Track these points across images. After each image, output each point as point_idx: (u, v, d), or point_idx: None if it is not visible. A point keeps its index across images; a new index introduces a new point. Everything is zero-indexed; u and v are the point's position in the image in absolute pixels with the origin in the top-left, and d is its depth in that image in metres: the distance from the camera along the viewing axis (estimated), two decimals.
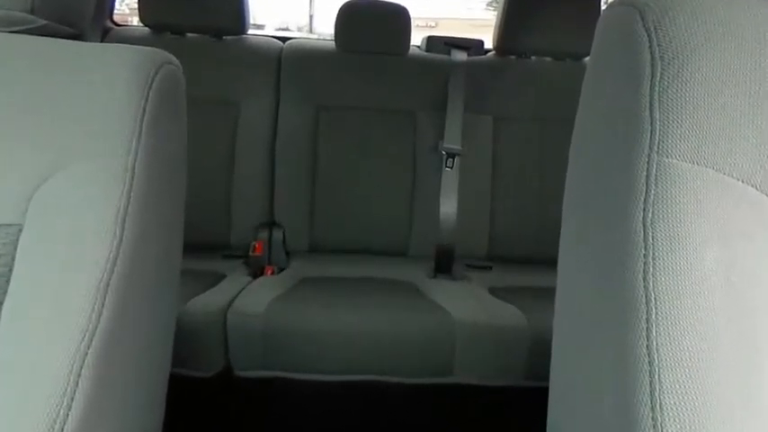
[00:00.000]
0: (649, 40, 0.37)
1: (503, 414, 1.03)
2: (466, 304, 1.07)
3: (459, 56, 1.42)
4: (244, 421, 1.05)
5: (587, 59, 0.46)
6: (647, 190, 0.36)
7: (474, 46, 1.48)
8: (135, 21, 1.46)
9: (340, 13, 1.38)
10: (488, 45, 1.49)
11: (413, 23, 1.41)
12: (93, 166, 0.45)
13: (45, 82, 0.46)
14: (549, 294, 0.50)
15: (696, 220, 0.36)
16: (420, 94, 1.39)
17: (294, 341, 1.00)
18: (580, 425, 0.44)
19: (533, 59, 1.42)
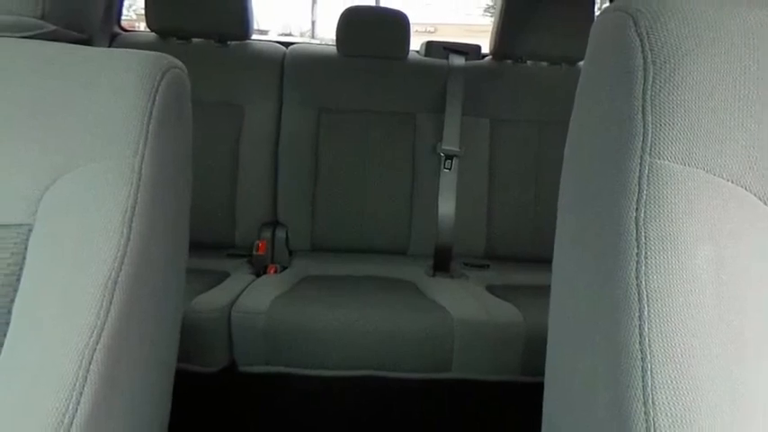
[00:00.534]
0: (642, 44, 0.37)
1: (499, 409, 1.03)
2: (464, 302, 1.07)
3: (458, 60, 1.42)
4: (247, 415, 1.05)
5: (582, 64, 0.46)
6: (639, 190, 0.36)
7: (472, 51, 1.49)
8: (142, 26, 1.46)
9: (341, 18, 1.38)
10: (485, 50, 1.49)
11: (412, 29, 1.41)
12: (101, 167, 0.45)
13: (54, 85, 0.46)
14: (544, 292, 0.50)
15: (687, 219, 0.36)
16: (419, 97, 1.39)
17: (296, 338, 1.00)
18: (575, 419, 0.44)
19: (529, 64, 1.42)
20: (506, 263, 1.35)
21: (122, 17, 1.52)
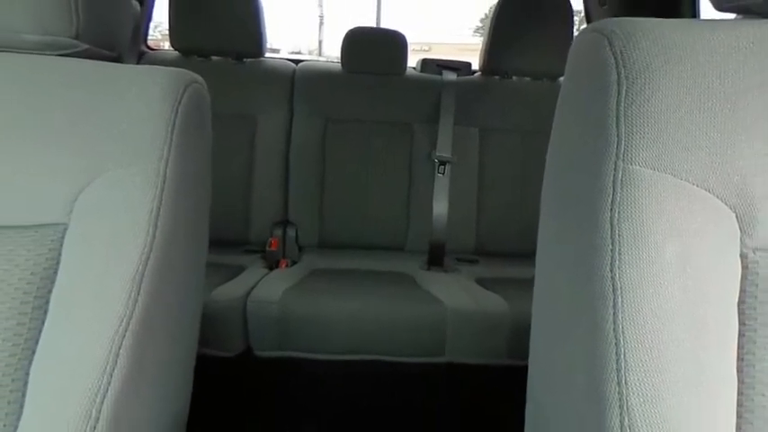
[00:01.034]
0: (616, 62, 0.37)
1: (487, 389, 1.03)
2: (456, 293, 1.07)
3: (450, 76, 1.42)
4: (262, 395, 1.05)
5: (562, 79, 0.46)
6: (613, 193, 0.36)
7: (463, 67, 1.49)
8: (166, 45, 1.46)
9: (346, 38, 1.38)
10: (475, 66, 1.49)
11: (409, 47, 1.41)
12: (129, 171, 0.45)
13: (87, 98, 0.46)
14: (528, 284, 0.50)
15: (656, 219, 0.36)
16: (415, 108, 1.39)
17: (305, 325, 1.00)
18: (556, 398, 0.44)
19: (515, 79, 1.42)
20: (494, 258, 1.35)
21: (148, 37, 1.52)
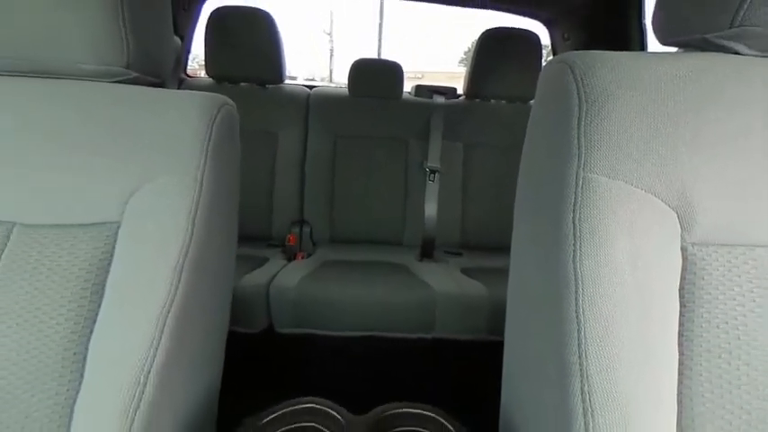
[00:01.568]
0: (577, 88, 0.37)
1: (470, 360, 1.03)
2: (443, 280, 1.07)
3: (439, 99, 1.42)
4: (282, 365, 1.05)
5: (532, 102, 0.46)
6: (575, 197, 0.36)
7: (449, 92, 1.48)
8: (202, 74, 1.45)
9: (352, 68, 1.38)
10: (460, 91, 1.49)
11: (405, 75, 1.41)
12: (172, 179, 0.45)
13: (136, 118, 0.46)
14: (504, 273, 0.50)
15: (611, 219, 0.36)
16: (410, 127, 1.39)
17: (318, 307, 1.00)
18: (526, 369, 0.44)
19: (493, 102, 1.42)
20: (476, 251, 1.35)
21: (187, 67, 1.53)
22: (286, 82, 1.41)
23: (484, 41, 1.33)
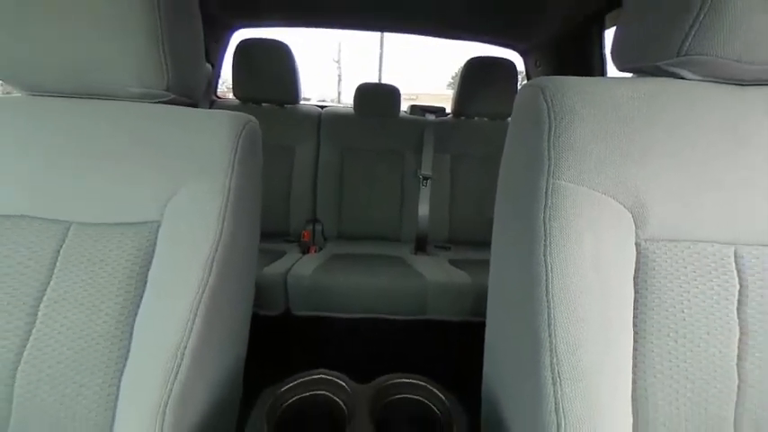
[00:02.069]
0: (548, 108, 0.37)
1: (457, 338, 1.03)
2: (434, 270, 1.07)
3: (430, 117, 1.42)
4: (297, 342, 1.05)
5: (510, 119, 0.46)
6: (546, 200, 0.36)
7: (439, 111, 1.49)
8: (230, 95, 1.46)
9: (357, 91, 1.38)
10: (449, 110, 1.49)
11: (402, 97, 1.41)
12: (204, 184, 0.45)
13: (174, 133, 0.46)
14: (486, 264, 0.50)
15: (576, 219, 0.36)
16: (406, 141, 1.39)
17: (328, 293, 1.00)
18: (505, 345, 0.44)
19: (476, 119, 1.42)
20: (462, 246, 1.35)
21: (217, 89, 1.53)
22: (301, 103, 1.41)
23: (468, 68, 1.33)
